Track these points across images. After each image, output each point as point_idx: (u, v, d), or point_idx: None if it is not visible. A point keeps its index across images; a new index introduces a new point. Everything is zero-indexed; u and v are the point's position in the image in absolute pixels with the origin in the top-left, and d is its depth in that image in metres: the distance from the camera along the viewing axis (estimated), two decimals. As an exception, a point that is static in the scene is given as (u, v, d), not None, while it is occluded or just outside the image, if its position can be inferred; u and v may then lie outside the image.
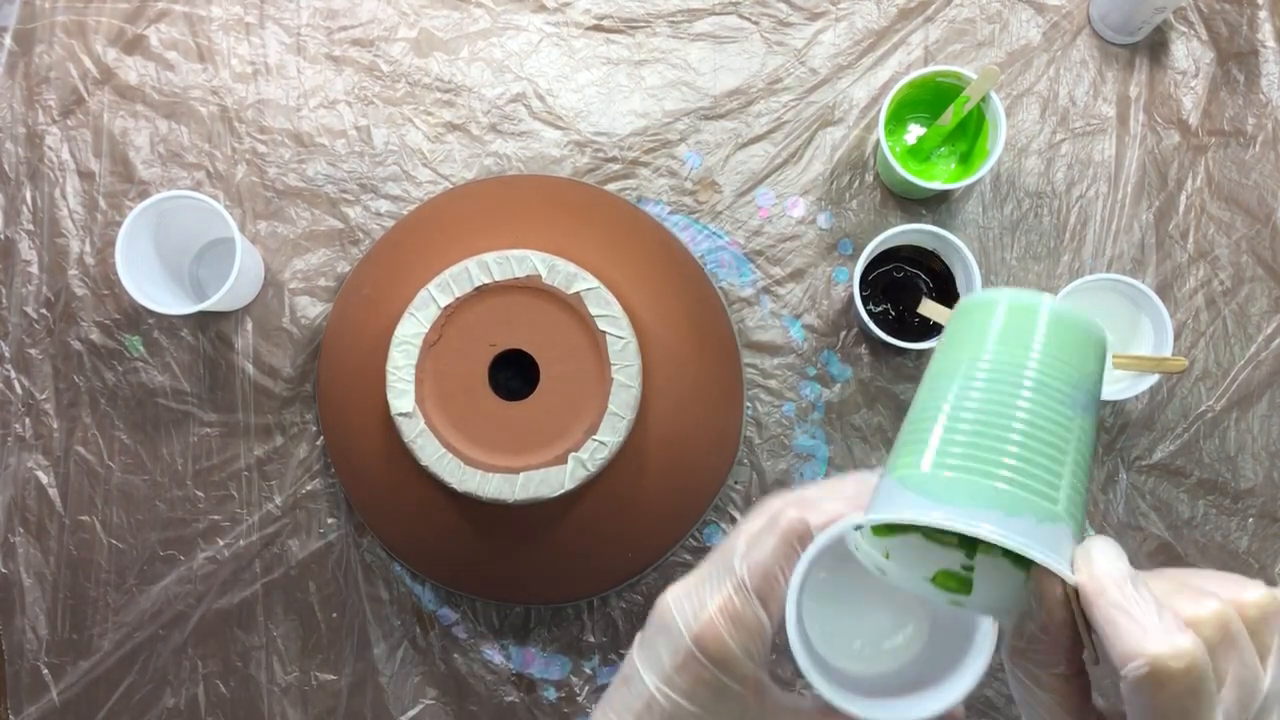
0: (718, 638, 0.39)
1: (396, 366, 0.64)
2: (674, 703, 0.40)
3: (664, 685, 0.40)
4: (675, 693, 0.40)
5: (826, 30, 0.80)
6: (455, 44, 0.80)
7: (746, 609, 0.39)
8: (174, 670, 0.76)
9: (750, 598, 0.39)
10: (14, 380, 0.77)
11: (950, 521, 0.33)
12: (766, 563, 0.39)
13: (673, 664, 0.40)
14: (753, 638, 0.39)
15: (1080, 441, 0.35)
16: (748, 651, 0.39)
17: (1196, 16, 0.80)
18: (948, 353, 0.38)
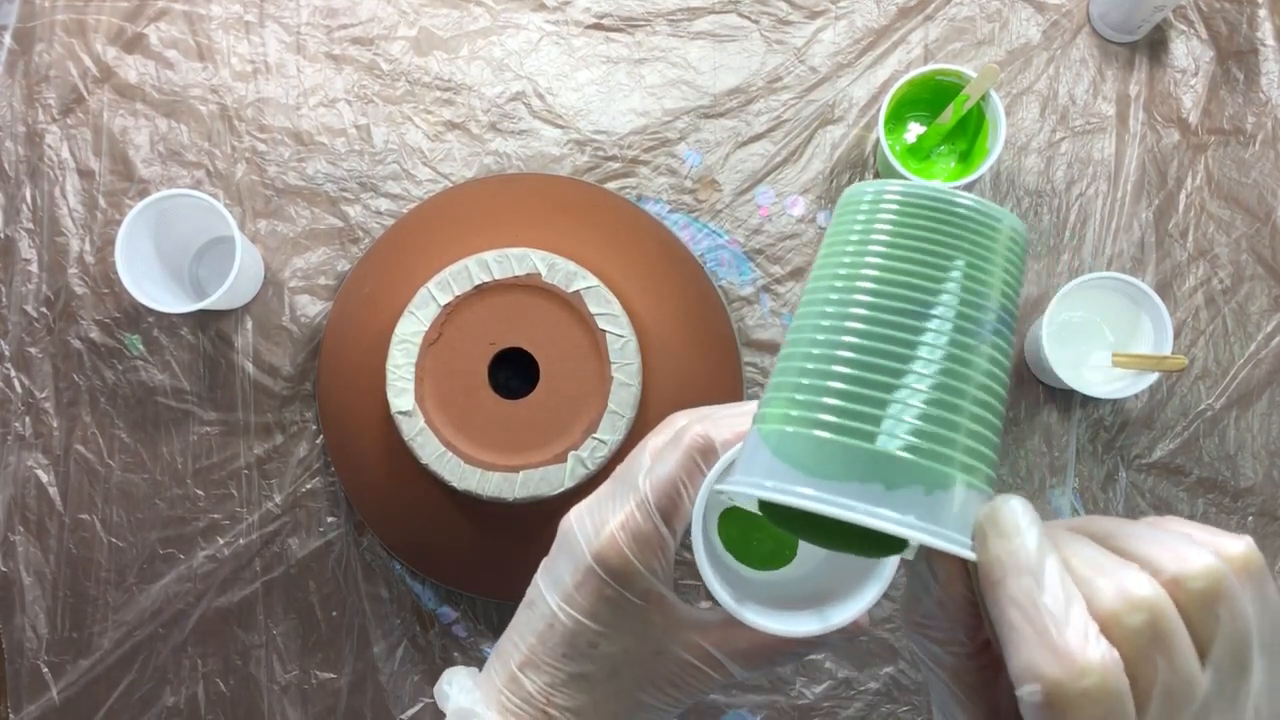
0: (619, 554, 0.39)
1: (396, 365, 0.64)
2: (575, 620, 0.40)
3: (565, 604, 0.40)
4: (576, 610, 0.40)
5: (826, 29, 0.80)
6: (455, 42, 0.80)
7: (648, 525, 0.39)
8: (174, 669, 0.76)
9: (653, 513, 0.39)
10: (14, 379, 0.77)
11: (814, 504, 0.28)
12: (669, 479, 0.39)
13: (574, 582, 0.40)
14: (655, 553, 0.39)
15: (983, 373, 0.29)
16: (650, 567, 0.39)
17: (1196, 15, 0.80)
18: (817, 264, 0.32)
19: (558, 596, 0.40)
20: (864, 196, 0.31)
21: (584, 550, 0.40)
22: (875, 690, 0.76)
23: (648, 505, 0.39)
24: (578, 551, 0.40)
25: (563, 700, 0.40)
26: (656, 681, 0.41)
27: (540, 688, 0.40)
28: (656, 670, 0.40)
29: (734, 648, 0.41)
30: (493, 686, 0.42)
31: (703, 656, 0.40)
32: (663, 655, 0.40)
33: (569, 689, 0.40)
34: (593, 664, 0.40)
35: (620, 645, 0.40)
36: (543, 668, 0.41)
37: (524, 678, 0.41)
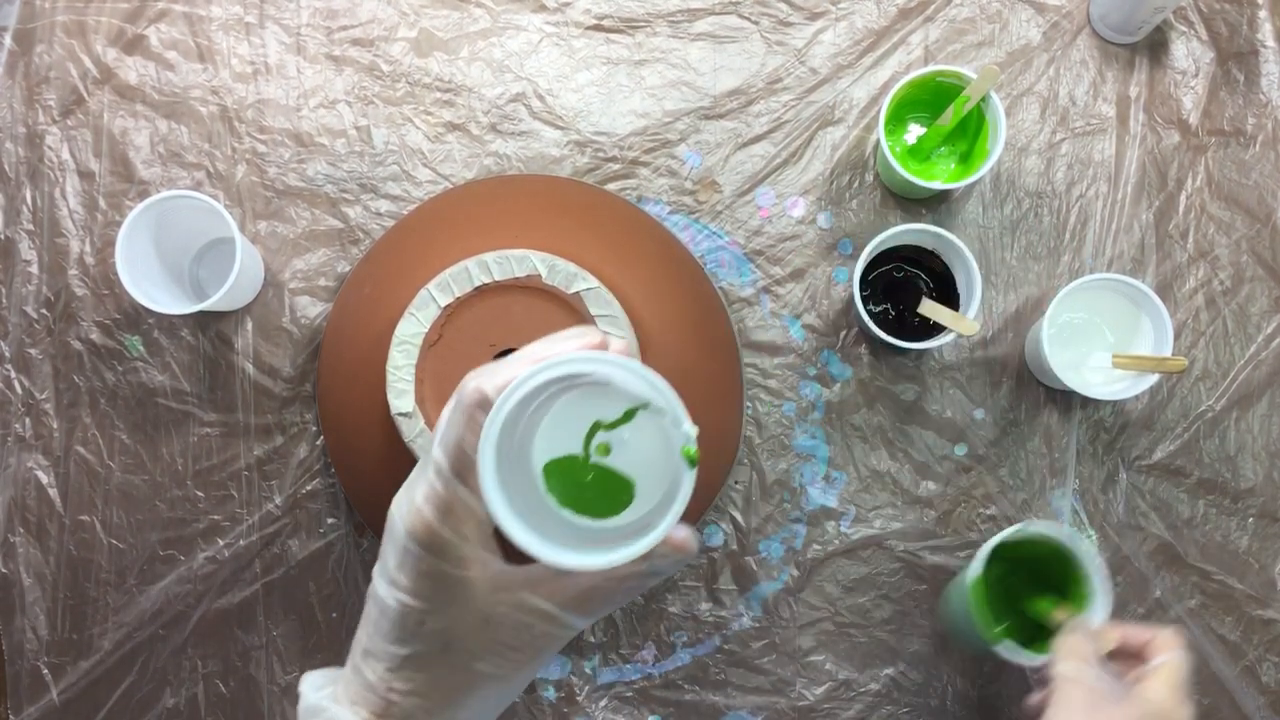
0: (427, 526, 0.38)
1: (396, 366, 0.64)
2: (400, 602, 0.39)
3: (391, 587, 0.40)
4: (400, 591, 0.39)
5: (826, 30, 0.80)
6: (455, 44, 0.80)
7: (448, 491, 0.38)
8: (174, 670, 0.76)
9: (450, 480, 0.38)
10: (14, 380, 0.77)
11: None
12: (455, 440, 0.38)
13: (395, 563, 0.40)
14: (462, 519, 0.39)
15: None
16: (460, 533, 0.39)
17: (1196, 16, 0.80)
18: None
19: (383, 581, 0.40)
20: None
21: (400, 529, 0.39)
22: (875, 691, 0.76)
23: (443, 471, 0.39)
24: (396, 533, 0.40)
25: (401, 685, 0.40)
26: (491, 648, 0.40)
27: (379, 675, 0.40)
28: (489, 636, 0.40)
29: (564, 596, 0.40)
30: (343, 680, 0.42)
31: (534, 613, 0.40)
32: (492, 620, 0.40)
33: (405, 671, 0.40)
34: (423, 643, 0.40)
35: (447, 619, 0.39)
36: (379, 655, 0.40)
37: (364, 667, 0.41)
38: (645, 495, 0.43)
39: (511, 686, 0.42)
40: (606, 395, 0.41)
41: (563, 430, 0.42)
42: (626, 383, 0.40)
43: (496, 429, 0.38)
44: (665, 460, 0.41)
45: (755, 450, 0.77)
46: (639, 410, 0.42)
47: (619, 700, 0.76)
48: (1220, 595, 0.76)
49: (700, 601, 0.76)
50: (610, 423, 0.42)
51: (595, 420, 0.43)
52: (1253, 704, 0.75)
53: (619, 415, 0.42)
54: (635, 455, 0.43)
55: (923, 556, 0.76)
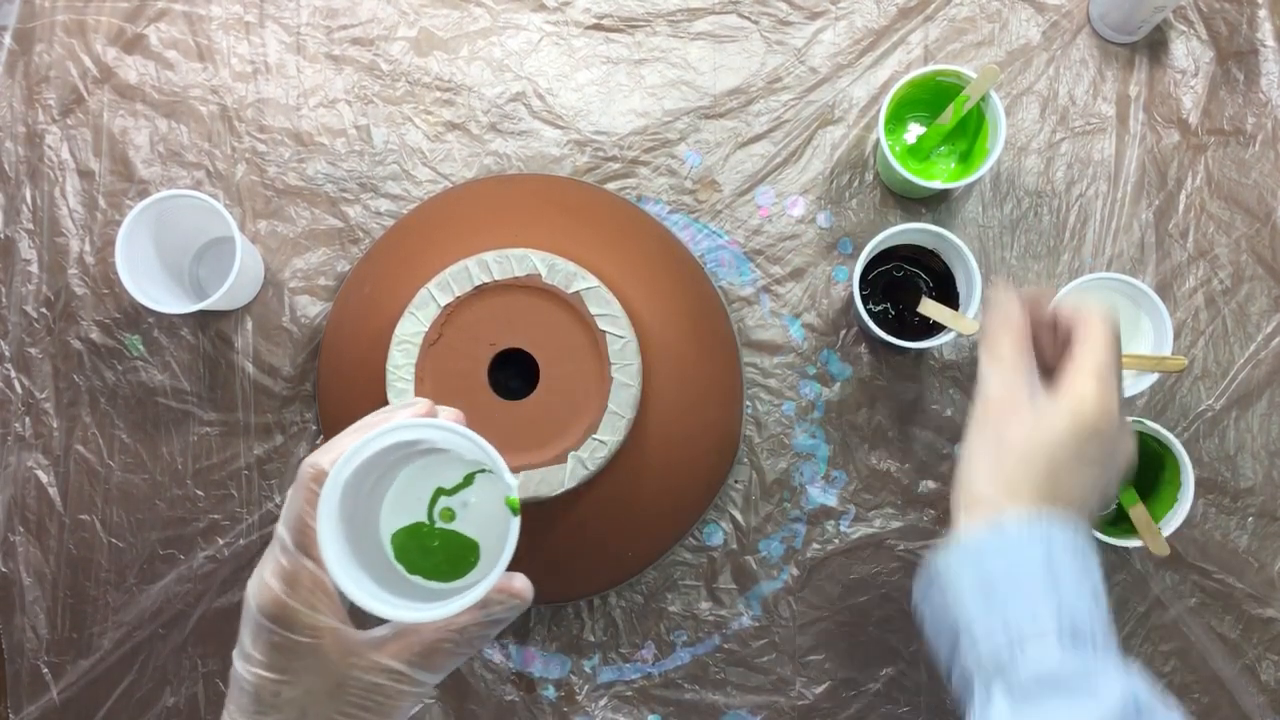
0: (275, 600, 0.41)
1: (396, 365, 0.64)
2: (257, 675, 0.41)
3: (246, 663, 0.42)
4: (256, 666, 0.41)
5: (826, 29, 0.80)
6: (455, 43, 0.80)
7: (293, 565, 0.41)
8: (174, 669, 0.76)
9: (294, 553, 0.41)
10: (14, 380, 0.77)
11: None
12: (297, 515, 0.41)
13: (250, 640, 0.42)
14: (309, 590, 0.41)
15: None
16: (308, 604, 0.41)
17: (1196, 15, 0.80)
18: None
19: (240, 659, 0.42)
20: None
21: (251, 606, 0.42)
22: (875, 691, 0.76)
23: (287, 546, 0.41)
24: (248, 609, 0.42)
25: None
26: (345, 710, 0.42)
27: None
28: (343, 700, 0.42)
29: (410, 654, 0.42)
30: None
31: (384, 672, 0.42)
32: (345, 685, 0.42)
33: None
34: (279, 713, 0.42)
35: (301, 688, 0.41)
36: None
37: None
38: (490, 552, 0.45)
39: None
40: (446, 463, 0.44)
41: (408, 500, 0.45)
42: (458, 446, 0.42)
43: (336, 494, 0.40)
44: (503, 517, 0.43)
45: (755, 450, 0.77)
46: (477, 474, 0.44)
47: (619, 699, 0.76)
48: (1220, 594, 0.76)
49: (700, 601, 0.76)
50: (451, 488, 0.45)
51: (437, 487, 0.45)
52: (1252, 703, 0.75)
53: (459, 480, 0.45)
54: (479, 516, 0.45)
55: (923, 556, 0.77)
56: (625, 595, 0.77)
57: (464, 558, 0.46)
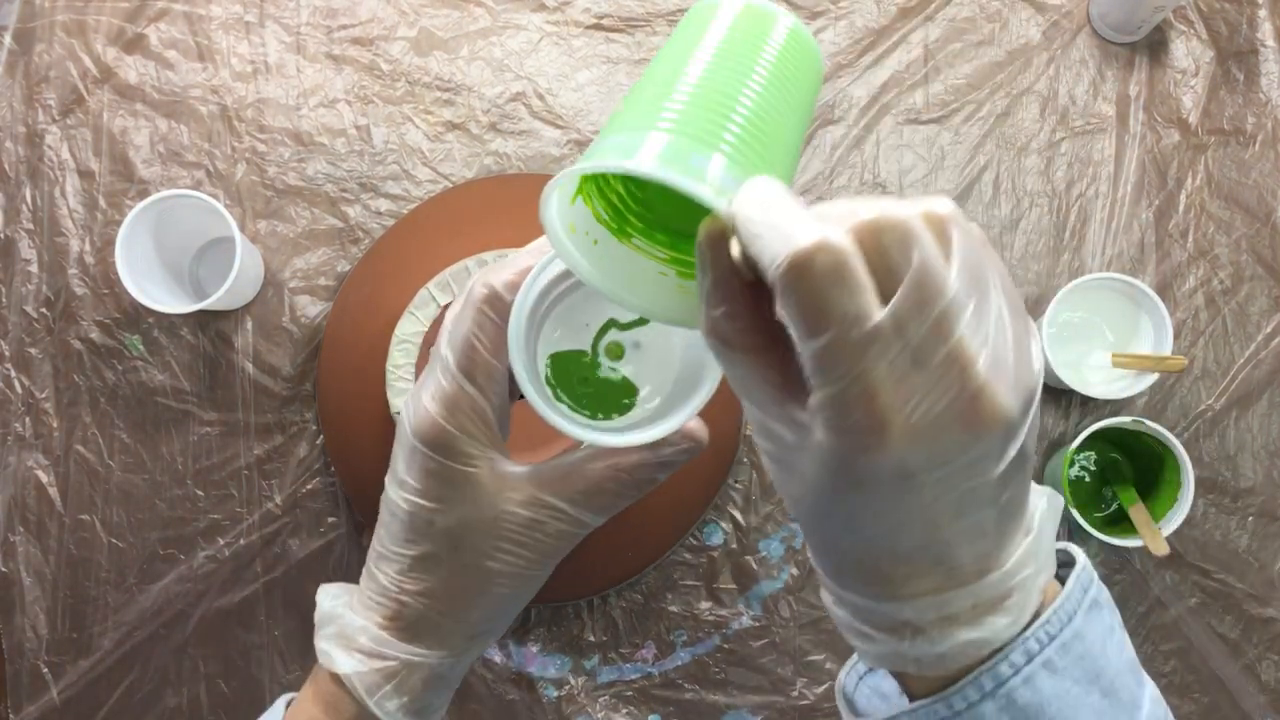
0: (433, 424, 0.38)
1: (396, 365, 0.64)
2: (412, 503, 0.39)
3: (399, 489, 0.40)
4: (409, 493, 0.40)
5: (826, 29, 0.80)
6: (455, 43, 0.80)
7: (455, 389, 0.38)
8: (175, 669, 0.76)
9: (458, 376, 0.38)
10: (14, 379, 0.77)
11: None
12: (464, 337, 0.38)
13: (404, 465, 0.40)
14: (469, 417, 0.39)
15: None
16: (465, 430, 0.39)
17: (1196, 15, 0.80)
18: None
19: (393, 484, 0.40)
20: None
21: (406, 429, 0.39)
22: (875, 690, 0.76)
23: (449, 369, 0.39)
24: (403, 433, 0.40)
25: (412, 585, 0.40)
26: (500, 546, 0.40)
27: (391, 578, 0.40)
28: (498, 534, 0.40)
29: (573, 491, 0.40)
30: (358, 588, 0.42)
31: (543, 508, 0.40)
32: (500, 518, 0.39)
33: (415, 573, 0.40)
34: (432, 543, 0.40)
35: (455, 517, 0.39)
36: (390, 557, 0.40)
37: (378, 571, 0.41)
38: (650, 399, 0.41)
39: (524, 588, 0.42)
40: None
41: (575, 324, 0.42)
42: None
43: (524, 314, 0.38)
44: (679, 363, 0.40)
45: (755, 449, 0.77)
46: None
47: (619, 699, 0.76)
48: (1220, 594, 0.76)
49: (700, 600, 0.76)
50: (625, 323, 0.41)
51: (610, 318, 0.42)
52: (1253, 703, 0.75)
53: (635, 317, 0.41)
54: (648, 359, 0.42)
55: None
56: (625, 595, 0.77)
57: (617, 398, 0.42)
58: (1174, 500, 0.70)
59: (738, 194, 0.29)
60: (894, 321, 0.27)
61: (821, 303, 0.27)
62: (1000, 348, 0.28)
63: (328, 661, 0.41)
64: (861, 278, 0.27)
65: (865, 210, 0.28)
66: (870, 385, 0.27)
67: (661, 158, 0.30)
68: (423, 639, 0.41)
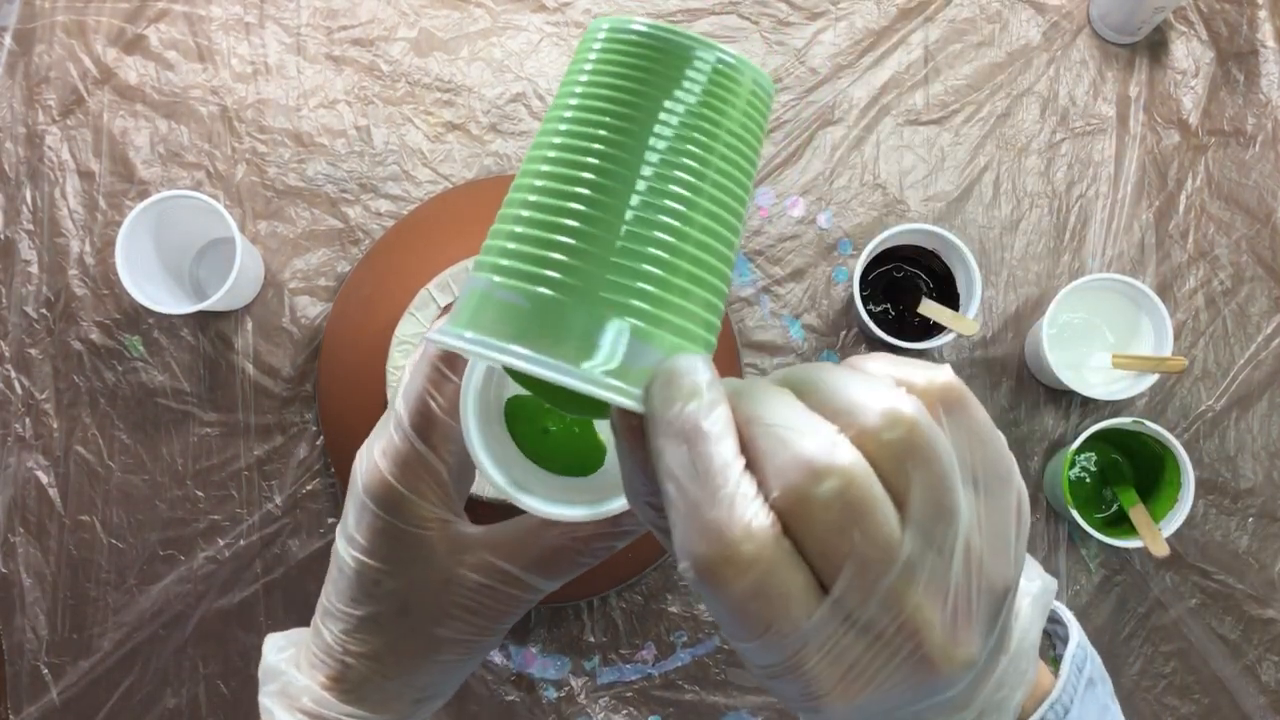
0: (383, 482, 0.37)
1: (396, 366, 0.64)
2: (357, 560, 0.38)
3: (348, 545, 0.38)
4: (358, 550, 0.38)
5: (826, 30, 0.80)
6: (455, 44, 0.80)
7: (407, 447, 0.37)
8: (174, 670, 0.76)
9: (410, 435, 0.37)
10: (14, 380, 0.77)
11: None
12: (417, 393, 0.37)
13: (354, 521, 0.38)
14: (420, 477, 0.37)
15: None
16: (416, 490, 0.37)
17: (1196, 16, 0.80)
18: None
19: (343, 539, 0.39)
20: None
21: (358, 484, 0.38)
22: (875, 691, 0.76)
23: (402, 425, 0.37)
24: (355, 488, 0.38)
25: (356, 646, 0.39)
26: (450, 611, 0.38)
27: (336, 637, 0.39)
28: (448, 599, 0.38)
29: (527, 558, 0.38)
30: (304, 642, 0.41)
31: (496, 574, 0.38)
32: (452, 583, 0.38)
33: (361, 634, 0.39)
34: (379, 604, 0.38)
35: (404, 579, 0.38)
36: (337, 615, 0.39)
37: (324, 628, 0.40)
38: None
39: (472, 655, 0.40)
40: None
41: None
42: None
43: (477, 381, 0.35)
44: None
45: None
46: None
47: (619, 700, 0.76)
48: (1220, 595, 0.76)
49: (700, 601, 0.76)
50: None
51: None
52: (1253, 703, 0.75)
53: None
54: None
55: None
56: (625, 596, 0.77)
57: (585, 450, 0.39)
58: (1174, 501, 0.70)
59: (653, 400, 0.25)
60: (836, 610, 0.24)
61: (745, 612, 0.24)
62: (965, 586, 0.25)
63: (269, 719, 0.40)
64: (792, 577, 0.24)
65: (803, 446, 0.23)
66: (806, 670, 0.24)
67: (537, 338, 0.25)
68: (366, 702, 0.39)
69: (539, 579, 0.39)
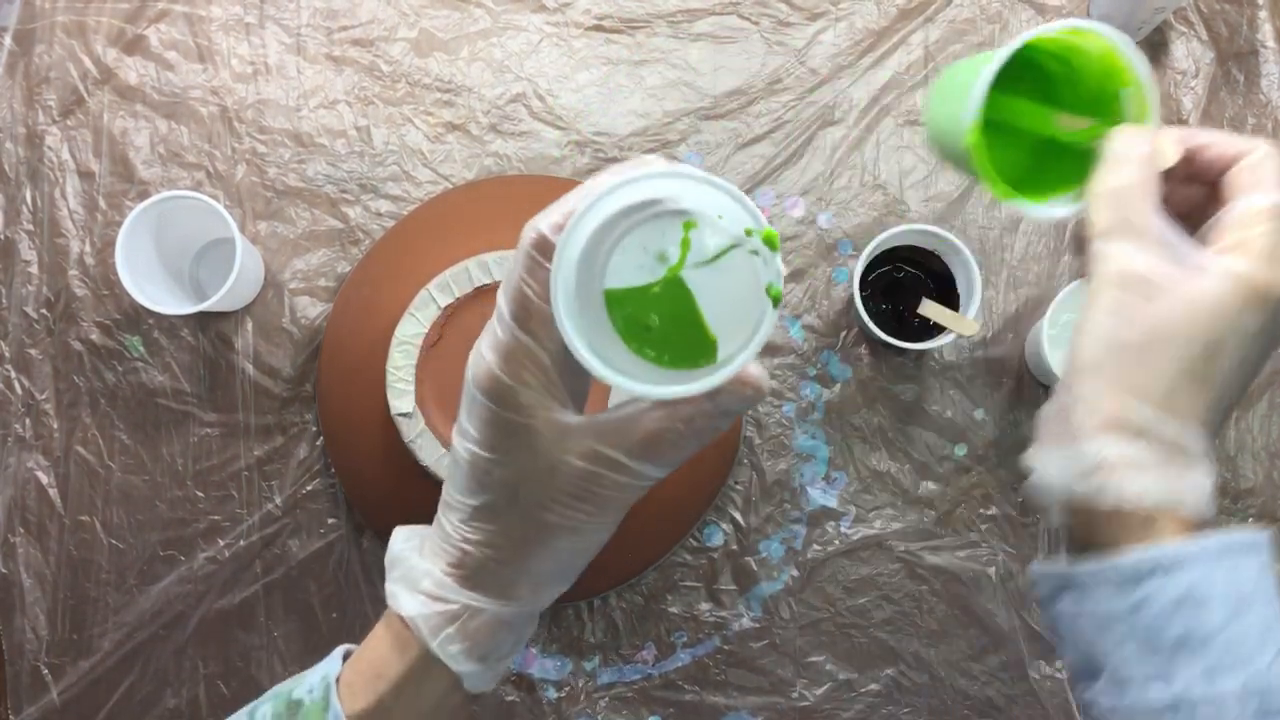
0: (489, 374, 0.38)
1: (397, 367, 0.64)
2: (470, 451, 0.40)
3: (461, 438, 0.40)
4: (470, 442, 0.40)
5: (826, 30, 0.80)
6: (455, 44, 0.80)
7: (509, 339, 0.38)
8: (175, 671, 0.76)
9: (511, 326, 0.38)
10: (14, 380, 0.77)
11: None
12: (515, 285, 0.38)
13: (465, 414, 0.40)
14: (525, 367, 0.38)
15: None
16: (520, 379, 0.38)
17: (1196, 17, 0.80)
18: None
19: (457, 432, 0.41)
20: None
21: (468, 378, 0.39)
22: (876, 692, 0.76)
23: (504, 318, 0.38)
24: (466, 382, 0.40)
25: (473, 535, 0.41)
26: (557, 498, 0.39)
27: (455, 525, 0.41)
28: (555, 486, 0.39)
29: (630, 442, 0.39)
30: (428, 533, 0.43)
31: (599, 460, 0.39)
32: (558, 469, 0.39)
33: (477, 522, 0.40)
34: (491, 493, 0.40)
35: (513, 468, 0.39)
36: (454, 505, 0.41)
37: (443, 519, 0.42)
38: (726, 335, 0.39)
39: (586, 541, 0.41)
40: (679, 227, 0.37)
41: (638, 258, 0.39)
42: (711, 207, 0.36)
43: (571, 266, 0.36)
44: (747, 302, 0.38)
45: (755, 450, 0.77)
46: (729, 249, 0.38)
47: (619, 700, 0.76)
48: (1220, 595, 0.76)
49: (700, 602, 0.76)
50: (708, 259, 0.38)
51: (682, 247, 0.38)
52: (1253, 704, 0.75)
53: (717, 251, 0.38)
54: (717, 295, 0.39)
55: (923, 557, 0.77)
56: (625, 596, 0.77)
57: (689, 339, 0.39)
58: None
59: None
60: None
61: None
62: None
63: (394, 603, 0.42)
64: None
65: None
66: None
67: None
68: (485, 587, 0.41)
69: (643, 464, 0.39)
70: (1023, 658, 0.75)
